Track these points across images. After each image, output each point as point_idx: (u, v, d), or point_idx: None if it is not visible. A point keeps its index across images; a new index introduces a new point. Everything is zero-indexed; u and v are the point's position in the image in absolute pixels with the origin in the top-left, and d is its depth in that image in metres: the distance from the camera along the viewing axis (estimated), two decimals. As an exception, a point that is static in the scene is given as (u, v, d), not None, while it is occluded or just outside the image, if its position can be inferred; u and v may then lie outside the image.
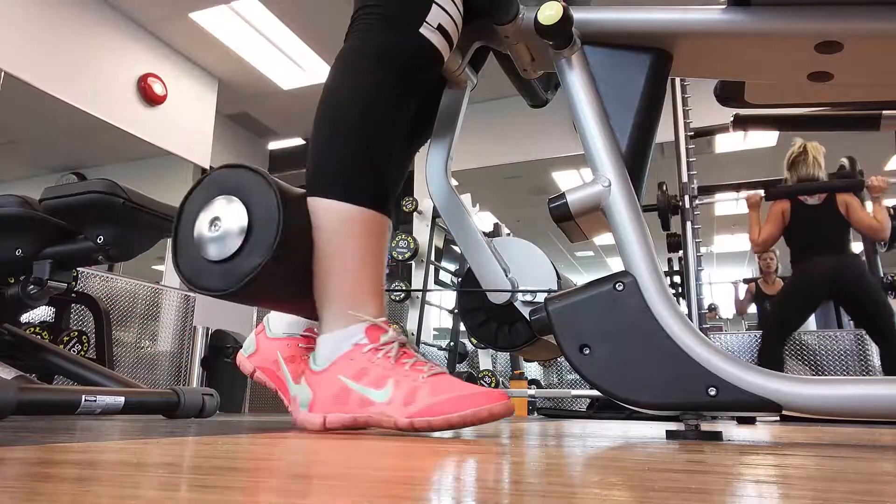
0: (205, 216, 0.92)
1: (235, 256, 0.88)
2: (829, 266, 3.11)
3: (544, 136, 5.27)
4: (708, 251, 9.58)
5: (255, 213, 0.89)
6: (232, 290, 0.87)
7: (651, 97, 0.97)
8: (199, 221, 0.92)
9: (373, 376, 0.88)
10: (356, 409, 0.88)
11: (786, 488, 0.41)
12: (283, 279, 0.93)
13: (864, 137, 4.75)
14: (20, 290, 1.68)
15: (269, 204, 0.89)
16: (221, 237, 0.90)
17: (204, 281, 0.90)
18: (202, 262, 0.91)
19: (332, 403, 0.90)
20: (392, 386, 0.87)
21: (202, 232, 0.91)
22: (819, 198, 3.21)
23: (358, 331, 0.92)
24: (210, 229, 0.91)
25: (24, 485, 0.37)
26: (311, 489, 0.37)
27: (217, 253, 0.89)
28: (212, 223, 0.91)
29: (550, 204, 0.94)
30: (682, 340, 0.83)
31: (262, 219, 0.88)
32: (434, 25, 0.98)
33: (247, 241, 0.88)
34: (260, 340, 1.14)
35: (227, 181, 0.93)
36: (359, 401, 0.88)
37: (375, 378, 0.88)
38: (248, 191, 0.91)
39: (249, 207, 0.90)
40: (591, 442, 0.89)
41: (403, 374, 0.88)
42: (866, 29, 0.90)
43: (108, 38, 4.27)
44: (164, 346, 3.97)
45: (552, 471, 0.50)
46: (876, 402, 0.77)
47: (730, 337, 4.30)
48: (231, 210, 0.90)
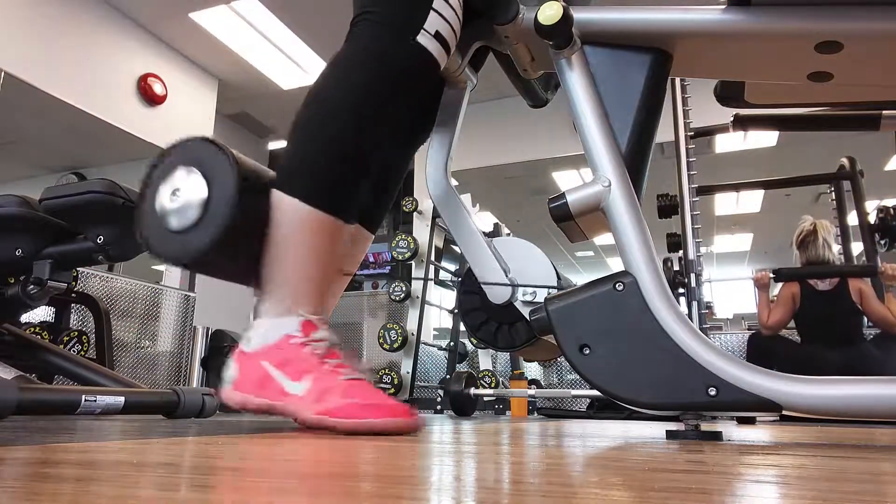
0: (167, 185, 0.95)
1: (190, 230, 0.91)
2: (842, 360, 2.93)
3: (544, 136, 5.27)
4: (708, 251, 9.58)
5: (214, 188, 0.91)
6: (184, 262, 0.92)
7: (651, 97, 0.97)
8: (162, 190, 0.95)
9: (294, 368, 0.90)
10: (273, 396, 0.90)
11: (786, 488, 0.41)
12: (235, 256, 0.97)
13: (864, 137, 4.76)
14: (20, 290, 1.68)
15: (228, 181, 0.91)
16: (181, 209, 0.92)
17: (160, 248, 0.94)
18: (162, 229, 0.94)
19: (253, 386, 0.93)
20: (310, 381, 0.89)
21: (163, 201, 0.94)
22: (830, 283, 3.08)
23: (292, 323, 0.94)
24: (171, 199, 0.93)
25: (24, 485, 0.37)
26: (311, 489, 0.37)
27: (175, 223, 0.92)
28: (173, 193, 0.93)
29: (550, 204, 0.94)
30: (682, 340, 0.83)
31: (220, 196, 0.91)
32: (431, 32, 0.99)
33: (203, 216, 0.91)
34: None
35: (192, 152, 0.96)
36: (277, 389, 0.90)
37: (296, 370, 0.90)
38: (210, 165, 0.93)
39: (209, 182, 0.92)
40: (591, 442, 0.89)
41: (323, 372, 0.90)
42: (866, 29, 0.90)
43: (108, 38, 4.27)
44: (164, 346, 3.97)
45: (552, 471, 0.50)
46: (876, 402, 0.77)
47: (730, 337, 4.30)
48: (191, 182, 0.93)
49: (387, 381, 3.84)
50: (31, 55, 3.74)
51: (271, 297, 0.97)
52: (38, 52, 3.79)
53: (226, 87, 5.23)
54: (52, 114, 4.14)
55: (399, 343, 3.93)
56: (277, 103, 5.55)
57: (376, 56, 1.00)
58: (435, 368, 4.80)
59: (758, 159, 5.95)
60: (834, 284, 3.08)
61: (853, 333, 3.03)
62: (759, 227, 8.56)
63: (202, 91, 5.03)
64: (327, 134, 0.99)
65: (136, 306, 3.76)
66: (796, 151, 5.69)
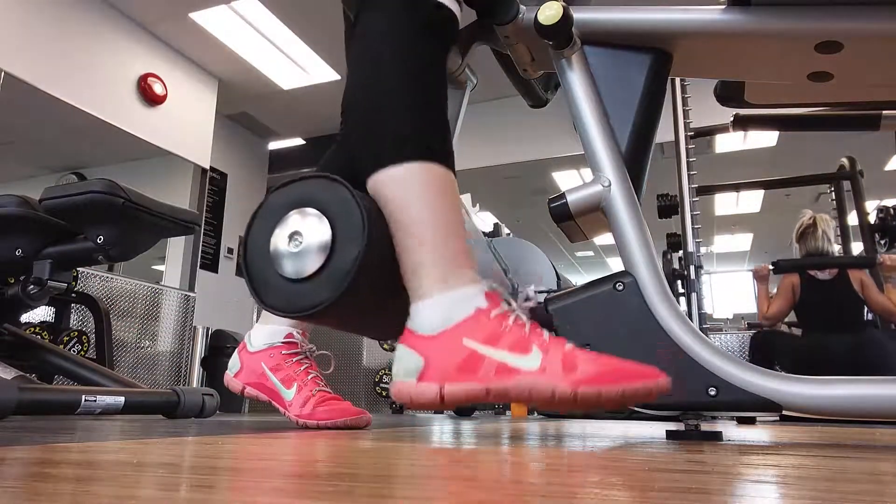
0: (283, 228, 0.83)
1: (313, 279, 0.80)
2: (847, 347, 2.92)
3: (544, 136, 5.27)
4: (708, 251, 9.58)
5: (339, 233, 0.80)
6: (306, 313, 0.80)
7: (651, 97, 0.97)
8: (277, 233, 0.83)
9: (512, 340, 0.76)
10: (492, 378, 0.75)
11: (786, 488, 0.41)
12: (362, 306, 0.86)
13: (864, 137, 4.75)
14: (20, 290, 1.68)
15: (355, 225, 0.80)
16: (301, 255, 0.81)
17: (275, 299, 0.83)
18: (276, 278, 0.83)
19: (455, 372, 0.77)
20: (540, 350, 0.76)
21: (279, 246, 0.83)
22: (830, 273, 3.08)
23: (476, 293, 0.80)
24: (289, 244, 0.82)
25: (24, 485, 0.37)
26: (310, 489, 0.37)
27: (294, 271, 0.81)
28: (291, 237, 0.82)
29: (550, 204, 0.94)
30: (682, 340, 0.83)
31: (346, 242, 0.80)
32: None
33: (327, 263, 0.80)
34: (243, 357, 1.26)
35: (310, 192, 0.84)
36: (496, 368, 0.75)
37: (516, 342, 0.76)
38: (334, 207, 0.82)
39: (334, 226, 0.81)
40: (591, 442, 0.89)
41: (545, 341, 0.77)
42: (866, 29, 0.90)
43: (108, 38, 4.27)
44: (164, 346, 3.97)
45: (552, 471, 0.50)
46: (876, 402, 0.77)
47: (730, 337, 4.30)
48: (314, 226, 0.82)
49: (387, 381, 3.84)
50: (31, 55, 3.74)
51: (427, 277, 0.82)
52: (38, 52, 3.79)
53: (226, 87, 5.22)
54: (52, 114, 4.14)
55: (399, 343, 3.92)
56: (277, 103, 5.54)
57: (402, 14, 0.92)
58: (435, 368, 4.80)
59: (758, 159, 5.95)
60: (834, 274, 3.08)
61: (856, 318, 3.02)
62: (759, 227, 8.55)
63: (202, 91, 5.03)
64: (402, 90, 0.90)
65: (136, 306, 3.76)
66: (796, 151, 5.68)
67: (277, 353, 1.23)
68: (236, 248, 5.54)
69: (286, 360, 1.23)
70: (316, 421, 1.16)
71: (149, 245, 1.82)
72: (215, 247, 5.40)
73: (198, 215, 2.01)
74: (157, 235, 1.83)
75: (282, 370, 1.22)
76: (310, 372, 1.23)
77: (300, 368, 1.21)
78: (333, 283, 0.78)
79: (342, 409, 1.19)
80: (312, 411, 1.17)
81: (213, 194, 5.33)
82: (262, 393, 1.23)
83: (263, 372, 1.22)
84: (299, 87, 5.26)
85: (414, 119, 0.88)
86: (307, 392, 1.19)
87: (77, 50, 4.04)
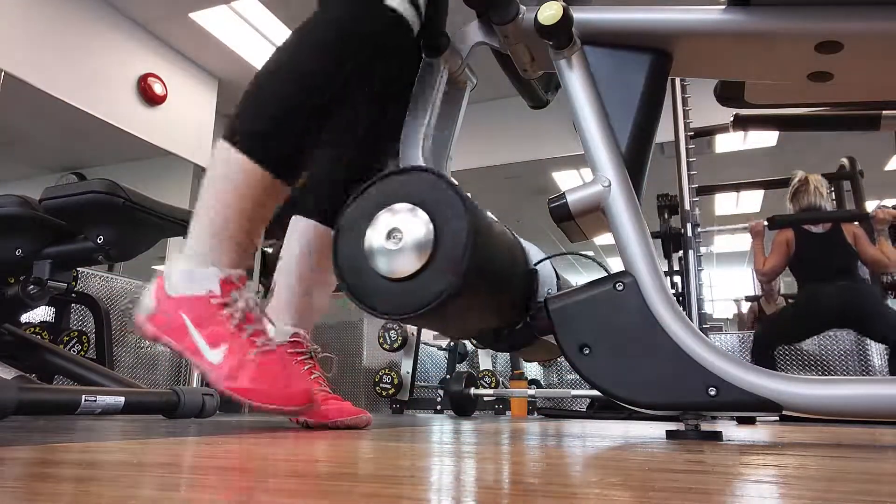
0: (379, 227, 0.80)
1: (414, 278, 0.78)
2: (838, 295, 2.99)
3: (544, 136, 5.27)
4: (708, 251, 9.58)
5: (444, 232, 0.78)
6: (403, 315, 0.78)
7: (651, 97, 0.97)
8: (371, 233, 0.81)
9: (211, 332, 0.94)
10: (188, 350, 0.95)
11: (786, 488, 0.41)
12: (474, 299, 0.83)
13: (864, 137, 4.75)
14: (20, 290, 1.68)
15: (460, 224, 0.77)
16: (401, 252, 0.78)
17: (371, 299, 0.81)
18: (373, 276, 0.80)
19: (170, 332, 0.96)
20: (225, 351, 0.93)
21: (375, 242, 0.80)
22: (824, 227, 3.14)
23: (213, 276, 0.96)
24: (388, 241, 0.79)
25: (24, 485, 0.37)
26: (311, 489, 0.37)
27: (393, 270, 0.78)
28: (390, 234, 0.79)
29: (550, 204, 0.94)
30: (682, 340, 0.83)
31: (451, 242, 0.77)
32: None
33: (433, 257, 0.77)
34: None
35: (412, 187, 0.82)
36: (192, 347, 0.94)
37: (213, 335, 0.94)
38: (437, 203, 0.79)
39: (436, 223, 0.78)
40: (591, 442, 0.89)
41: (238, 343, 0.93)
42: (866, 29, 0.90)
43: (108, 37, 4.27)
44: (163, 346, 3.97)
45: (552, 471, 0.50)
46: (876, 402, 0.76)
47: (730, 337, 4.30)
48: (416, 222, 0.79)
49: (387, 381, 3.84)
50: (31, 55, 3.74)
51: (194, 238, 0.98)
52: (38, 52, 3.79)
53: (226, 87, 5.23)
54: (52, 114, 4.14)
55: (399, 343, 3.93)
56: (277, 103, 5.54)
57: (344, 19, 1.00)
58: (435, 368, 4.80)
59: (758, 159, 5.95)
60: (828, 228, 3.15)
61: (849, 269, 3.09)
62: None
63: (202, 91, 5.03)
64: (271, 85, 1.00)
65: (136, 306, 3.76)
66: (796, 151, 5.68)
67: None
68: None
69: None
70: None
71: (149, 245, 1.82)
72: (215, 247, 5.39)
73: (198, 215, 1.99)
74: (157, 235, 1.83)
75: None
76: (312, 372, 1.20)
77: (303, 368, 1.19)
78: (450, 269, 0.76)
79: (341, 408, 1.17)
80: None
81: (213, 194, 5.33)
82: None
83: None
84: (299, 87, 5.25)
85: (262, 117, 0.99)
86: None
87: (77, 50, 4.04)
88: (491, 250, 0.83)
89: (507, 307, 0.93)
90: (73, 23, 4.02)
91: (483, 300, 0.86)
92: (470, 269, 0.76)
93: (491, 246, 0.83)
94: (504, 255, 0.88)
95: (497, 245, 0.85)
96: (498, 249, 0.86)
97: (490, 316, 0.92)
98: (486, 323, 0.94)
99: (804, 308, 3.16)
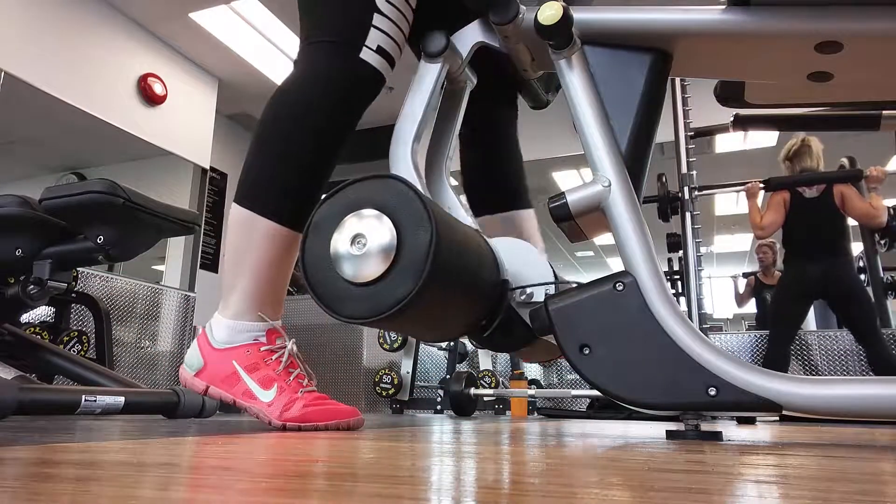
0: (345, 230, 0.82)
1: (379, 282, 0.79)
2: (821, 268, 3.14)
3: (544, 136, 5.27)
4: (708, 251, 9.58)
5: (406, 237, 0.79)
6: (369, 319, 0.79)
7: (651, 97, 0.97)
8: (337, 237, 0.82)
9: (262, 376, 1.04)
10: (239, 395, 1.05)
11: (786, 488, 0.41)
12: (435, 305, 0.85)
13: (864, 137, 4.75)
14: (20, 290, 1.68)
15: (423, 228, 0.79)
16: (365, 258, 0.79)
17: (337, 304, 0.82)
18: (339, 282, 0.81)
19: (219, 380, 1.06)
20: (276, 391, 1.03)
21: (340, 248, 0.81)
22: (818, 190, 3.23)
23: (259, 329, 1.07)
24: (352, 247, 0.81)
25: (24, 485, 0.37)
26: (312, 489, 0.37)
27: (357, 274, 0.80)
28: (354, 239, 0.81)
29: (550, 204, 0.94)
30: (682, 340, 0.83)
31: (414, 246, 0.78)
32: (373, 48, 1.06)
33: (395, 262, 0.79)
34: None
35: (375, 193, 0.84)
36: (244, 391, 1.04)
37: (264, 378, 1.04)
38: (400, 209, 0.81)
39: (399, 229, 0.80)
40: (591, 442, 0.89)
41: (288, 384, 1.04)
42: (866, 29, 0.90)
43: (108, 38, 4.27)
44: (164, 346, 3.97)
45: (552, 471, 0.50)
46: (876, 402, 0.76)
47: (730, 337, 4.30)
48: (379, 228, 0.80)
49: (387, 381, 3.84)
50: (31, 55, 3.73)
51: (235, 297, 1.07)
52: (38, 52, 3.79)
53: (226, 87, 5.22)
54: (52, 114, 4.14)
55: (399, 343, 3.92)
56: (277, 103, 5.54)
57: (325, 75, 1.08)
58: (435, 368, 4.80)
59: (758, 159, 5.95)
60: (821, 191, 3.22)
61: (836, 241, 3.18)
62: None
63: (202, 91, 5.03)
64: (286, 152, 1.07)
65: (136, 306, 3.76)
66: (796, 151, 5.68)
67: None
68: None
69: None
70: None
71: (149, 245, 1.82)
72: (215, 247, 5.40)
73: (198, 215, 2.01)
74: (157, 235, 1.83)
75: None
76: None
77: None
78: (413, 272, 0.77)
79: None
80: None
81: (213, 194, 5.33)
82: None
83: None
84: (299, 87, 5.25)
85: (274, 180, 1.07)
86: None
87: (77, 50, 4.04)
88: (455, 254, 0.83)
89: (472, 314, 0.94)
90: (73, 23, 4.02)
91: (445, 307, 0.87)
92: (430, 276, 0.77)
93: (455, 250, 0.83)
94: (470, 259, 0.89)
95: (461, 250, 0.86)
96: (462, 254, 0.86)
97: (455, 323, 0.94)
98: (452, 328, 0.96)
99: (791, 283, 3.28)
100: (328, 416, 1.03)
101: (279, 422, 1.01)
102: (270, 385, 1.03)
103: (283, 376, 1.05)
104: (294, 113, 1.08)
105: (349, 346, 4.37)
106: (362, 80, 1.07)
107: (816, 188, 3.23)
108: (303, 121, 1.07)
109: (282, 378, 1.04)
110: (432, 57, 1.07)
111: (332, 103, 1.07)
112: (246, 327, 1.06)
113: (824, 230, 3.20)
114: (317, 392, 1.07)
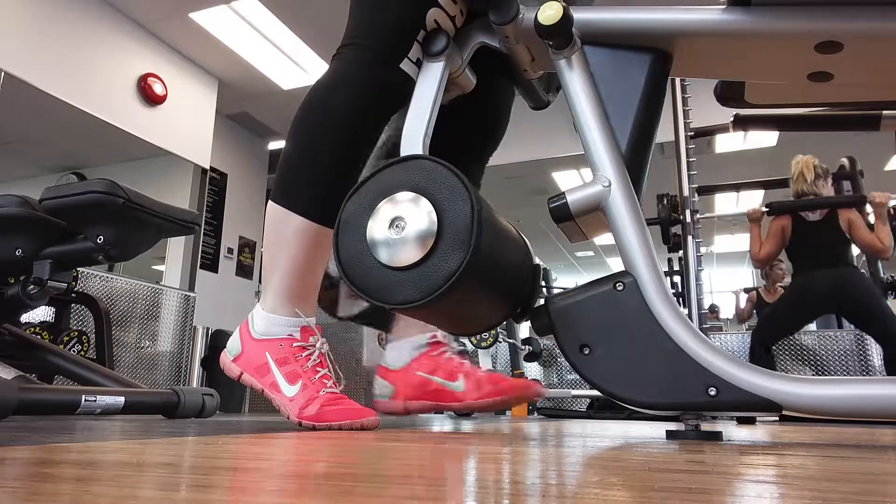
0: (380, 218, 0.80)
1: (428, 258, 0.77)
2: (829, 281, 3.08)
3: (544, 136, 5.27)
4: (708, 251, 9.58)
5: (447, 221, 0.78)
6: (405, 305, 0.78)
7: (651, 97, 0.97)
8: (373, 225, 0.81)
9: (290, 371, 1.08)
10: (267, 386, 1.09)
11: (786, 488, 0.41)
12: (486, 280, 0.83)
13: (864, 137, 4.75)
14: (20, 290, 1.68)
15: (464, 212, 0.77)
16: (404, 242, 0.78)
17: (372, 289, 0.80)
18: (375, 266, 0.80)
19: (252, 369, 1.11)
20: (300, 387, 1.06)
21: (378, 232, 0.80)
22: (820, 213, 3.18)
23: (295, 324, 1.10)
24: (391, 230, 0.79)
25: (24, 485, 0.37)
26: (311, 489, 0.37)
27: (396, 259, 0.78)
28: (392, 224, 0.79)
29: (550, 204, 0.94)
30: (682, 340, 0.83)
31: (455, 230, 0.77)
32: (414, 60, 1.09)
33: (439, 238, 0.77)
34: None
35: (415, 175, 0.82)
36: (272, 382, 1.08)
37: (291, 373, 1.08)
38: (441, 192, 0.79)
39: (440, 212, 0.78)
40: (591, 442, 0.89)
41: (312, 383, 1.07)
42: (866, 29, 0.90)
43: (108, 38, 4.27)
44: (164, 346, 3.97)
45: (552, 471, 0.50)
46: (876, 402, 0.76)
47: (730, 337, 4.30)
48: (419, 211, 0.79)
49: (387, 381, 3.83)
50: (31, 55, 3.73)
51: (273, 293, 1.10)
52: (38, 52, 3.79)
53: (226, 87, 5.23)
54: (52, 114, 4.14)
55: (399, 343, 3.92)
56: (277, 103, 5.54)
57: (366, 80, 1.10)
58: (435, 368, 4.79)
59: (758, 159, 5.95)
60: (823, 215, 3.19)
61: (840, 256, 3.15)
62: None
63: (202, 91, 5.03)
64: (318, 151, 1.09)
65: (136, 306, 3.76)
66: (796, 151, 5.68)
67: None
68: (236, 249, 5.54)
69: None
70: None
71: (149, 245, 1.82)
72: (215, 247, 5.40)
73: (198, 215, 2.00)
74: (157, 235, 1.83)
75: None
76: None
77: None
78: (460, 243, 0.76)
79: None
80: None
81: (213, 194, 5.33)
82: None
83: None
84: (299, 87, 5.25)
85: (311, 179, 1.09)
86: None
87: (77, 50, 4.04)
88: (496, 229, 0.83)
89: (514, 295, 0.92)
90: (73, 23, 4.02)
91: (494, 283, 0.86)
92: (478, 246, 0.76)
93: (495, 225, 0.84)
94: (508, 238, 0.89)
95: (500, 227, 0.86)
96: (502, 231, 0.86)
97: (500, 305, 0.91)
98: (493, 313, 0.93)
99: (798, 296, 3.23)
100: (343, 416, 1.05)
101: (296, 419, 1.03)
102: (296, 381, 1.07)
103: (309, 374, 1.08)
104: (330, 112, 1.10)
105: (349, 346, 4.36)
106: (397, 89, 1.09)
107: (819, 212, 3.19)
108: (336, 120, 1.10)
109: (307, 375, 1.07)
110: (434, 56, 1.08)
111: (366, 107, 1.10)
112: (281, 321, 1.10)
113: (828, 251, 3.14)
114: (337, 392, 1.08)
